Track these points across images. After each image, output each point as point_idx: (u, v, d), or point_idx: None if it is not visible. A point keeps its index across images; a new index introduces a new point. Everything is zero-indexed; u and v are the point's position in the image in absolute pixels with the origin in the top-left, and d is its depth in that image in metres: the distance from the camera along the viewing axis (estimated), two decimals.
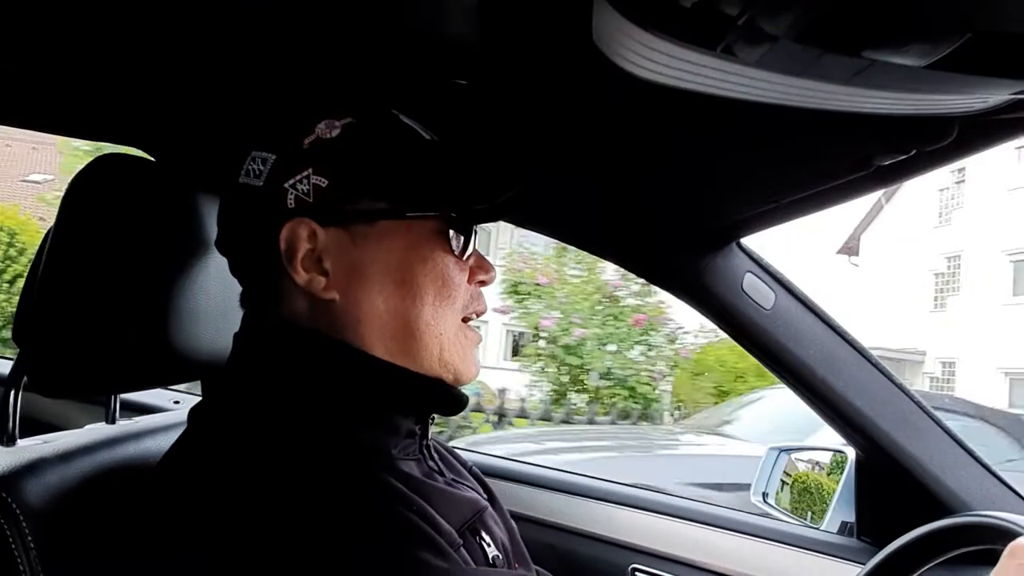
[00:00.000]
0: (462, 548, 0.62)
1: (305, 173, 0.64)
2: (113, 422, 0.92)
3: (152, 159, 1.05)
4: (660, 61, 0.50)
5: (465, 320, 0.72)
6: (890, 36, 0.39)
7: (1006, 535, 0.81)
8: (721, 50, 0.46)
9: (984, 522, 0.87)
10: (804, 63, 0.44)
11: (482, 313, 0.74)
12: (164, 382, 0.85)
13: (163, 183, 0.80)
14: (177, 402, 1.44)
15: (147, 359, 0.76)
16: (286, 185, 0.64)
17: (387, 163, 0.67)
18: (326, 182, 0.64)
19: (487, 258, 0.75)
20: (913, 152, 0.64)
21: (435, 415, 0.75)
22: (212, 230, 0.81)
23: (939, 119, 0.56)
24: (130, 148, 1.06)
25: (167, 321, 0.76)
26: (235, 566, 0.54)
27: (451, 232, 0.69)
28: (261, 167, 0.65)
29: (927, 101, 0.50)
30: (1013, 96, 0.48)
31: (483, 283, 0.74)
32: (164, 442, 0.83)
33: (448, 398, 0.71)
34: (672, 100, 0.62)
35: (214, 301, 0.82)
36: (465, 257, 0.71)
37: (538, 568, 0.86)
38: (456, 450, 0.88)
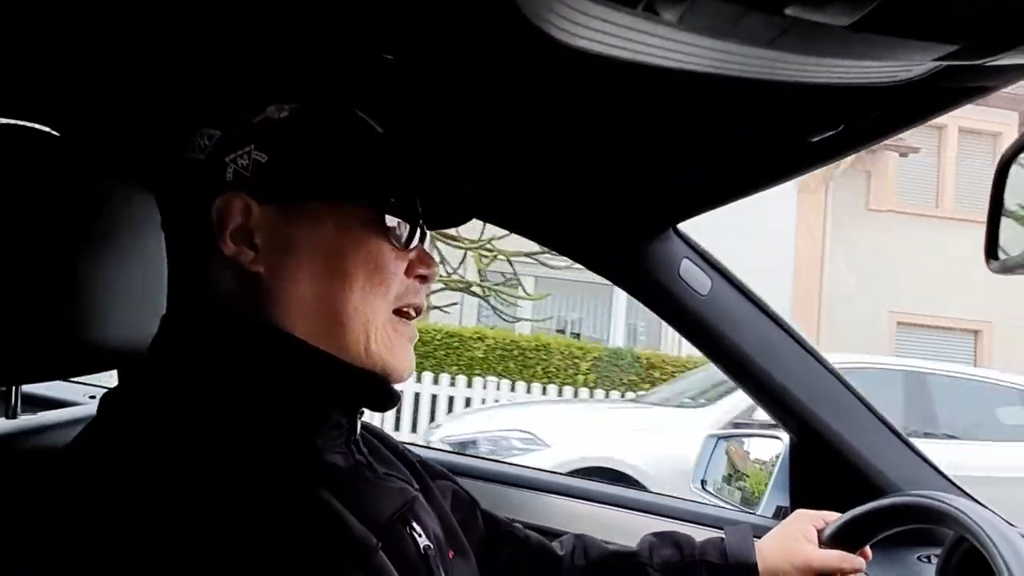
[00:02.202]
0: (380, 550, 0.60)
1: (247, 148, 0.65)
2: (13, 416, 0.85)
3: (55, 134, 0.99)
4: (584, 24, 0.49)
5: (399, 313, 0.70)
6: None
7: (932, 514, 0.84)
8: (643, 8, 0.44)
9: (911, 503, 0.89)
10: (726, 22, 0.43)
11: (419, 309, 0.72)
12: (71, 372, 0.80)
13: (69, 160, 0.75)
14: (93, 396, 1.36)
15: (49, 348, 0.71)
16: (227, 159, 0.65)
17: (328, 145, 0.67)
18: (265, 158, 0.65)
19: (430, 253, 0.73)
20: (842, 127, 0.64)
21: (364, 409, 0.72)
22: (126, 213, 0.77)
23: (865, 91, 0.56)
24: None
25: (72, 308, 0.70)
26: (144, 557, 0.51)
27: (392, 220, 0.68)
28: (207, 142, 0.68)
29: (851, 69, 0.49)
30: (936, 64, 0.48)
31: (423, 278, 0.72)
32: (69, 437, 0.78)
33: (378, 392, 0.69)
34: (604, 73, 0.61)
35: (130, 287, 0.77)
36: (409, 248, 0.69)
37: None
38: (391, 439, 0.85)
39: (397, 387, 0.71)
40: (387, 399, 0.69)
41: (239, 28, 0.75)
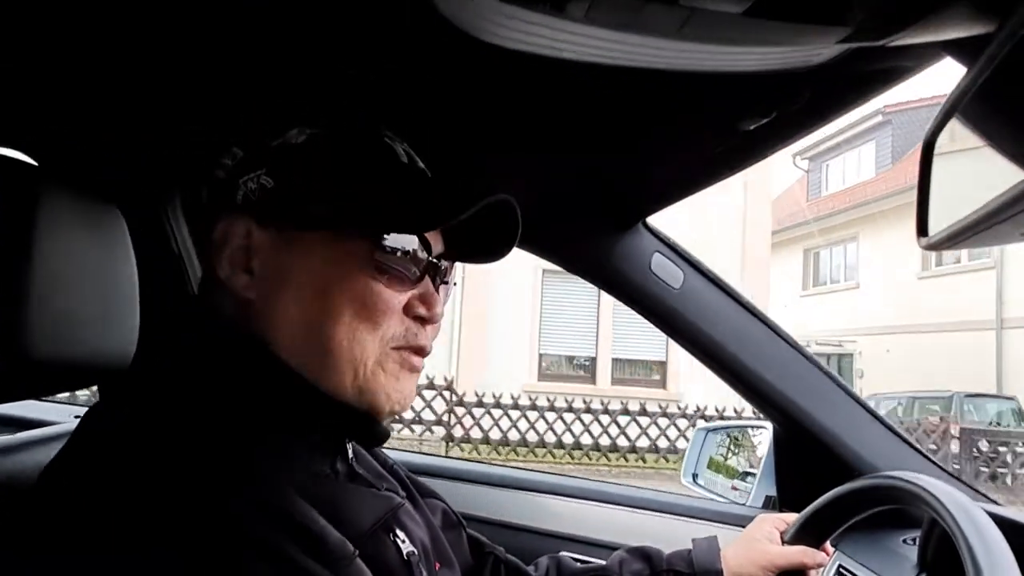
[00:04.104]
0: (357, 558, 0.60)
1: (259, 172, 0.64)
2: None
3: (33, 162, 1.00)
4: (499, 22, 0.50)
5: (399, 349, 0.67)
6: None
7: (907, 495, 0.84)
8: (551, 7, 0.45)
9: (882, 483, 0.89)
10: (629, 14, 0.44)
11: (420, 351, 0.68)
12: (40, 392, 0.81)
13: (40, 184, 0.76)
14: (78, 416, 1.37)
15: (23, 368, 0.72)
16: (240, 181, 0.65)
17: (332, 175, 0.65)
18: (272, 183, 0.64)
19: (438, 295, 0.69)
20: (774, 115, 0.65)
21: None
22: (97, 232, 0.78)
23: (790, 77, 0.57)
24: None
25: (47, 327, 0.72)
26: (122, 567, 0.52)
27: (390, 252, 0.65)
28: (230, 162, 0.66)
29: (763, 55, 0.50)
30: (844, 47, 0.48)
31: (422, 320, 0.68)
32: (43, 456, 0.79)
33: (363, 429, 0.68)
34: (548, 78, 0.62)
35: (94, 306, 0.78)
36: (411, 286, 0.66)
37: None
38: (382, 454, 0.86)
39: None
40: (371, 437, 0.68)
41: (209, 50, 0.76)
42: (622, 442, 9.52)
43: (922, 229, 0.57)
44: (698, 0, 0.40)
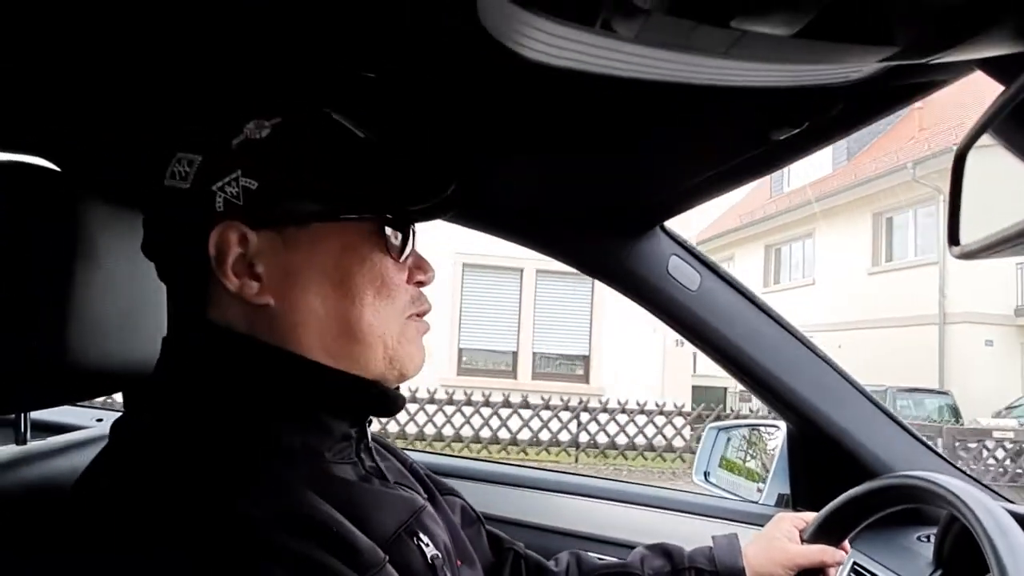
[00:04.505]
0: (387, 564, 0.60)
1: (234, 175, 0.62)
2: (24, 443, 0.87)
3: (56, 168, 1.01)
4: (545, 40, 0.51)
5: (410, 317, 0.71)
6: (752, 5, 0.40)
7: (928, 495, 0.85)
8: (600, 26, 0.46)
9: (903, 483, 0.90)
10: (680, 36, 0.45)
11: (426, 312, 0.73)
12: (73, 398, 0.82)
13: (61, 192, 0.77)
14: (100, 420, 1.38)
15: (49, 375, 0.73)
16: (214, 187, 0.62)
17: (318, 164, 0.65)
18: (256, 184, 0.62)
19: (425, 258, 0.73)
20: (806, 125, 0.66)
21: (372, 417, 0.73)
22: (122, 239, 0.78)
23: (824, 91, 0.58)
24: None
25: (74, 334, 0.72)
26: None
27: (388, 232, 0.67)
28: (187, 169, 0.63)
29: (804, 72, 0.51)
30: (884, 64, 0.50)
31: (421, 283, 0.72)
32: (77, 460, 0.80)
33: (383, 399, 0.70)
34: (574, 83, 0.63)
35: (122, 312, 0.79)
36: (403, 258, 0.69)
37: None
38: (401, 453, 0.87)
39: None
40: (392, 404, 0.70)
41: (224, 47, 0.75)
42: (544, 436, 9.52)
43: (953, 238, 0.58)
44: (749, 22, 0.41)
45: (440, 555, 0.69)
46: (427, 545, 0.69)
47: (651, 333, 9.94)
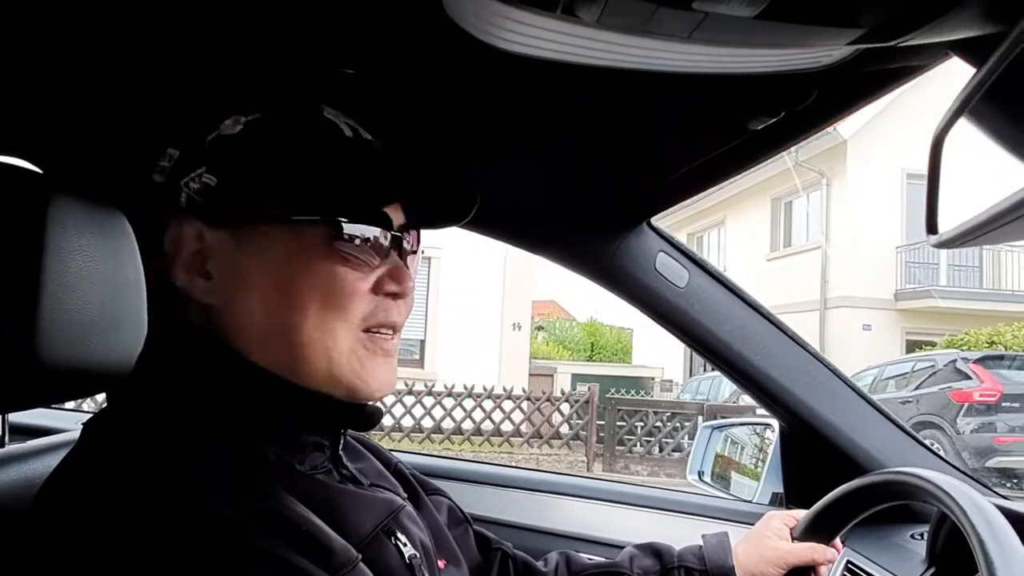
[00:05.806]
0: (360, 563, 0.59)
1: (200, 171, 0.62)
2: (1, 445, 0.87)
3: (34, 168, 1.00)
4: (510, 28, 0.50)
5: (369, 331, 0.66)
6: None
7: (917, 491, 0.84)
8: (562, 11, 0.45)
9: (891, 479, 0.89)
10: (642, 19, 0.44)
11: (393, 327, 0.67)
12: (51, 399, 0.81)
13: (33, 191, 0.76)
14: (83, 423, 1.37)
15: (23, 375, 0.72)
16: (182, 183, 0.62)
17: (277, 164, 0.63)
18: (215, 180, 0.62)
19: (407, 268, 0.68)
20: (783, 114, 0.65)
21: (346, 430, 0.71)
22: (103, 237, 0.78)
23: (798, 78, 0.57)
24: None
25: (53, 334, 0.72)
26: None
27: (350, 238, 0.63)
28: (167, 163, 0.64)
29: (773, 57, 0.50)
30: (854, 48, 0.49)
31: (394, 295, 0.67)
32: (54, 463, 0.79)
33: (351, 414, 0.67)
34: (552, 78, 0.62)
35: (101, 312, 0.78)
36: (377, 264, 0.65)
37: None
38: (385, 453, 0.86)
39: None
40: (364, 419, 0.68)
41: (206, 43, 0.75)
42: (387, 422, 9.59)
43: (931, 227, 0.57)
44: (710, 4, 0.40)
45: (418, 555, 0.69)
46: (405, 545, 0.68)
47: (490, 317, 10.21)
